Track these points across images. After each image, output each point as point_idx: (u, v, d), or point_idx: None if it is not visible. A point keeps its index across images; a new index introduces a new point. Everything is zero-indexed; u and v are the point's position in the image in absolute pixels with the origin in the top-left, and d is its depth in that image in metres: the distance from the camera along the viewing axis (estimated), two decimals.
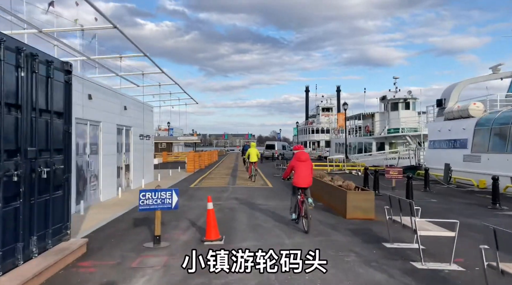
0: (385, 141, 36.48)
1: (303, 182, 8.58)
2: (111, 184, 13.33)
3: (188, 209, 11.29)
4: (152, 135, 19.63)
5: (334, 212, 10.94)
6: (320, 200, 12.89)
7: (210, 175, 23.93)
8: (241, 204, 12.23)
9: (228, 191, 15.61)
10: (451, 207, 12.49)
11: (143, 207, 7.03)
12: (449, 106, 22.86)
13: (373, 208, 10.02)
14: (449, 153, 21.36)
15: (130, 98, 16.00)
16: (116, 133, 13.97)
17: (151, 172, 19.40)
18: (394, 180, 16.95)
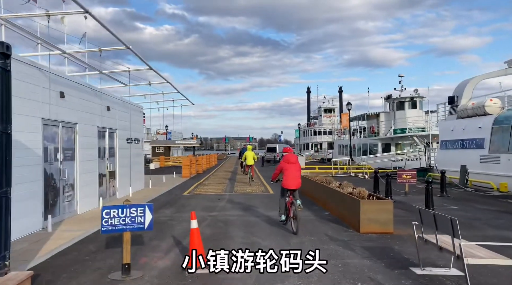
0: (391, 142, 34.90)
1: (292, 183, 8.63)
2: (91, 194, 11.82)
3: (175, 222, 9.77)
4: (142, 139, 18.12)
5: (344, 224, 9.40)
6: (327, 208, 11.36)
7: (207, 181, 22.39)
8: (238, 216, 10.70)
9: (224, 199, 14.07)
10: (475, 215, 10.93)
11: (107, 228, 5.50)
12: (462, 103, 21.31)
13: (391, 220, 8.48)
14: (463, 154, 19.80)
15: (115, 97, 14.51)
16: (97, 136, 12.47)
17: (141, 179, 17.87)
18: (407, 184, 15.41)
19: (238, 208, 11.99)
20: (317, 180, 13.52)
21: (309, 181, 14.46)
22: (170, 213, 11.30)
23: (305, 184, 15.52)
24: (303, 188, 15.97)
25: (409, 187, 15.53)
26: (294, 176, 8.66)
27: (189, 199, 14.50)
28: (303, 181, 16.08)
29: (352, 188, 10.47)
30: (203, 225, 9.37)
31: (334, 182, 12.13)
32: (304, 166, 32.04)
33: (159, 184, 20.24)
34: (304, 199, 13.75)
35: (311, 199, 13.65)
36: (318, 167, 31.49)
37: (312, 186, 13.83)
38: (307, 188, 14.95)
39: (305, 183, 15.36)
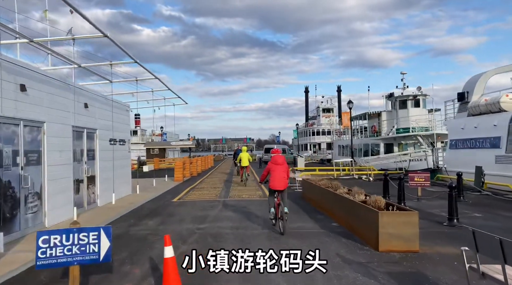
0: (393, 142, 33.46)
1: (279, 184, 8.60)
2: (63, 203, 10.28)
3: (157, 238, 8.25)
4: (129, 140, 16.56)
5: (357, 239, 7.90)
6: (335, 218, 9.86)
7: (200, 184, 20.86)
8: (232, 228, 9.18)
9: (217, 207, 12.56)
10: (507, 225, 9.46)
11: (44, 261, 4.00)
12: (474, 100, 19.89)
13: (417, 235, 6.99)
14: (476, 154, 18.37)
15: (94, 93, 12.96)
16: (71, 137, 10.94)
17: (127, 183, 16.33)
18: (419, 188, 13.94)
19: (233, 218, 10.48)
20: (321, 184, 12.02)
21: (313, 186, 12.95)
22: (154, 225, 9.79)
23: (308, 189, 14.01)
24: (305, 193, 14.54)
25: (421, 191, 14.08)
26: (281, 177, 8.63)
27: (178, 206, 12.98)
28: (305, 186, 14.62)
29: (365, 195, 8.99)
30: (190, 241, 7.87)
31: (342, 188, 10.64)
32: (304, 167, 30.53)
33: (149, 188, 18.70)
34: (308, 207, 12.27)
35: (315, 206, 12.15)
36: (318, 168, 29.97)
37: (316, 192, 12.32)
38: (310, 194, 13.45)
39: (308, 188, 13.85)
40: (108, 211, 11.95)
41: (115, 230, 9.16)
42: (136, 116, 67.60)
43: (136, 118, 67.64)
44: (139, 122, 68.16)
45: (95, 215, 11.32)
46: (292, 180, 20.23)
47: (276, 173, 8.64)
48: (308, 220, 10.09)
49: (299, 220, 10.07)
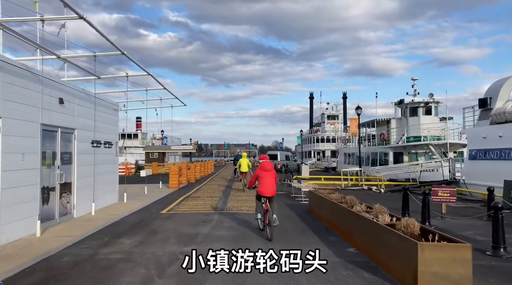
0: (403, 151, 31.68)
1: (267, 191, 8.69)
2: (23, 215, 8.55)
3: (131, 265, 6.50)
4: (116, 142, 14.84)
5: (385, 274, 6.11)
6: (353, 243, 8.04)
7: (196, 193, 19.09)
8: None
9: (211, 222, 10.78)
10: None
11: None
12: (498, 106, 18.14)
13: (470, 278, 5.22)
14: (501, 166, 16.60)
15: (71, 87, 11.26)
16: (40, 137, 9.25)
17: (114, 191, 14.60)
18: (444, 204, 12.17)
19: (228, 237, 8.72)
20: (333, 198, 10.24)
21: (322, 200, 11.14)
22: (130, 245, 8.03)
23: (316, 203, 12.20)
24: (312, 207, 12.74)
25: (446, 207, 12.31)
26: (270, 184, 8.75)
27: (166, 219, 11.22)
28: (313, 199, 12.80)
29: (391, 217, 7.23)
30: (169, 273, 6.12)
31: (359, 204, 8.87)
32: (308, 176, 28.74)
33: (139, 196, 16.97)
34: (316, 224, 10.49)
35: (325, 224, 10.36)
36: (323, 177, 28.09)
37: (327, 207, 10.50)
38: (318, 209, 11.65)
39: (316, 201, 12.05)
40: (83, 224, 10.24)
41: (81, 251, 7.44)
42: (138, 119, 66.14)
43: (138, 122, 66.15)
44: (140, 126, 66.50)
45: (66, 229, 9.60)
46: (296, 190, 18.52)
47: (267, 180, 8.75)
48: (318, 243, 8.30)
49: (308, 242, 8.25)
